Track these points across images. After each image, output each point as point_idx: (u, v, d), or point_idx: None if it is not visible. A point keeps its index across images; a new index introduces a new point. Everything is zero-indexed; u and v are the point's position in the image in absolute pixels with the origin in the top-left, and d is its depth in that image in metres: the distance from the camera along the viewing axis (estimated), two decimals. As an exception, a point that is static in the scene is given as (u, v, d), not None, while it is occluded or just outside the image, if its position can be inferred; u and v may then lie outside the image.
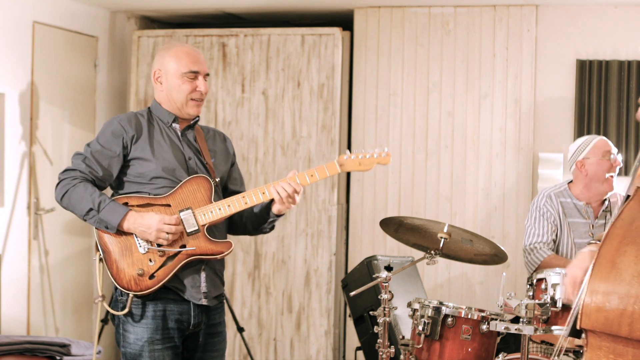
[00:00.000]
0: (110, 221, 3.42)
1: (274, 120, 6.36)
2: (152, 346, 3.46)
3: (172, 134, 3.60)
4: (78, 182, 3.45)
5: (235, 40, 6.43)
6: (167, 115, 3.59)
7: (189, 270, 3.50)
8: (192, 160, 3.58)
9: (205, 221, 3.50)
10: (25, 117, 5.74)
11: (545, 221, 4.62)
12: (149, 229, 3.41)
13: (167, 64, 3.57)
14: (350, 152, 3.64)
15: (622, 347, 2.30)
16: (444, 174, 6.16)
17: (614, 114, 5.88)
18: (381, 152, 3.65)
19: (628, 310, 2.28)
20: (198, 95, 3.58)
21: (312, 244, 6.30)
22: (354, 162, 3.64)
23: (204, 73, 3.59)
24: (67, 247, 6.15)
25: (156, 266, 3.43)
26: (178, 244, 3.47)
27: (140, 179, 3.52)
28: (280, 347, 6.36)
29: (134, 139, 3.51)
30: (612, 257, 2.35)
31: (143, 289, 3.42)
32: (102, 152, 3.50)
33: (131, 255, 3.44)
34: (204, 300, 3.53)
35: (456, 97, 6.15)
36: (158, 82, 3.61)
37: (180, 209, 3.48)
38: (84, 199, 3.43)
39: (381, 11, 6.28)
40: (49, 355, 4.86)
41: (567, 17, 6.01)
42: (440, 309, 3.98)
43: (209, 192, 3.53)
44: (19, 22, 5.68)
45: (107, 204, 3.42)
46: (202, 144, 3.65)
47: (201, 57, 3.62)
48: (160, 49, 3.69)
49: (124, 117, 3.57)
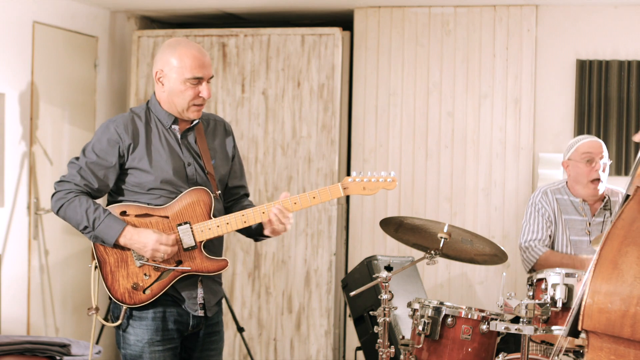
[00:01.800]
0: (106, 238, 3.38)
1: (274, 120, 6.36)
2: (153, 347, 3.45)
3: (171, 137, 3.50)
4: (73, 196, 3.40)
5: (235, 40, 6.43)
6: (167, 116, 3.49)
7: (186, 282, 3.47)
8: (192, 167, 3.50)
9: (203, 238, 3.44)
10: (25, 117, 5.73)
11: (540, 217, 4.62)
12: (144, 247, 3.37)
13: (170, 66, 3.43)
14: (356, 175, 3.54)
15: (624, 349, 2.30)
16: (444, 174, 6.16)
17: (614, 114, 5.88)
18: (387, 177, 3.54)
19: (630, 312, 2.28)
20: (200, 101, 3.46)
21: (312, 244, 6.30)
22: (358, 186, 3.54)
23: (208, 77, 3.46)
24: (67, 247, 6.15)
25: (151, 280, 3.41)
26: (174, 259, 3.43)
27: (138, 189, 3.46)
28: (280, 347, 6.36)
29: (131, 148, 3.43)
30: (614, 258, 2.35)
31: (137, 302, 3.41)
32: (97, 162, 3.43)
33: (126, 268, 3.42)
34: (200, 312, 3.50)
35: (456, 97, 6.15)
36: (160, 82, 3.47)
37: (178, 222, 3.43)
38: (79, 214, 3.38)
39: (381, 11, 6.27)
40: (49, 355, 4.86)
41: (567, 17, 6.01)
42: (440, 309, 3.98)
43: (208, 207, 3.45)
44: (19, 22, 5.68)
45: (103, 221, 3.37)
46: (203, 145, 3.56)
47: (207, 59, 3.46)
48: (165, 45, 3.51)
49: (120, 122, 3.45)
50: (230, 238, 6.32)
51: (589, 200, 4.64)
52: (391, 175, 3.55)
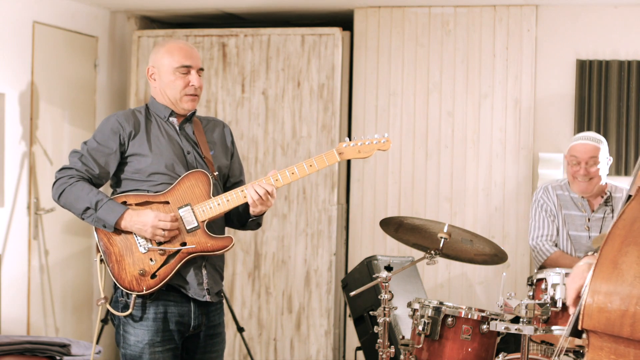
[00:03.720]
0: (107, 220, 3.40)
1: (274, 120, 6.36)
2: (153, 348, 3.45)
3: (170, 128, 3.57)
4: (75, 180, 3.44)
5: (235, 40, 6.43)
6: (164, 109, 3.57)
7: (191, 267, 3.49)
8: (191, 155, 3.55)
9: (205, 217, 3.47)
10: (25, 117, 5.73)
11: (544, 213, 4.67)
12: (144, 226, 3.39)
13: (160, 60, 3.55)
14: (350, 140, 3.58)
15: (624, 348, 2.30)
16: (444, 174, 6.16)
17: (614, 114, 5.88)
18: (380, 138, 3.58)
19: (630, 311, 2.28)
20: (192, 91, 3.55)
21: (312, 244, 6.30)
22: (353, 150, 3.58)
23: (197, 68, 3.56)
24: (67, 247, 6.15)
25: (157, 265, 3.42)
26: (178, 241, 3.45)
27: (139, 176, 3.49)
28: (280, 347, 6.36)
29: (132, 135, 3.49)
30: (614, 258, 2.35)
31: (146, 288, 3.40)
32: (98, 149, 3.48)
33: (132, 255, 3.43)
34: (207, 296, 3.52)
35: (456, 97, 6.15)
36: (152, 79, 3.59)
37: (179, 205, 3.46)
38: (81, 198, 3.41)
39: (381, 11, 6.27)
40: (49, 355, 4.86)
41: (567, 17, 6.01)
42: (440, 309, 3.98)
43: (207, 187, 3.49)
44: (19, 22, 5.68)
45: (105, 203, 3.41)
46: (201, 136, 3.62)
47: (194, 52, 3.58)
48: (155, 45, 3.68)
49: (122, 114, 3.55)
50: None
51: (586, 196, 4.68)
52: (385, 136, 3.58)
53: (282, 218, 6.34)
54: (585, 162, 4.58)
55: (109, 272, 3.44)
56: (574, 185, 4.67)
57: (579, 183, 4.63)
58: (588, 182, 4.61)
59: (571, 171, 4.65)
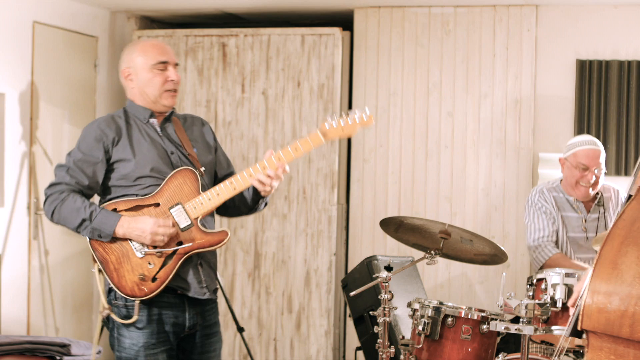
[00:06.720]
0: (104, 229, 3.38)
1: (274, 120, 6.36)
2: (148, 350, 3.43)
3: (151, 130, 3.55)
4: (65, 195, 3.42)
5: (235, 40, 6.43)
6: (143, 111, 3.55)
7: (188, 266, 3.48)
8: (175, 154, 3.54)
9: (197, 213, 3.46)
10: (25, 117, 5.73)
11: (543, 214, 4.65)
12: (143, 233, 3.38)
13: (135, 60, 3.54)
14: (331, 120, 3.56)
15: (623, 348, 2.30)
16: (444, 174, 6.16)
17: (614, 114, 5.88)
18: (362, 115, 3.55)
19: (629, 312, 2.28)
20: (171, 85, 3.54)
21: (312, 244, 6.30)
22: (336, 130, 3.56)
23: (173, 62, 3.56)
24: (67, 247, 6.15)
25: (156, 268, 3.41)
26: (174, 241, 3.44)
27: (125, 182, 3.47)
28: (280, 347, 6.36)
29: (115, 141, 3.47)
30: (614, 258, 2.35)
31: (147, 293, 3.39)
32: (84, 159, 3.46)
33: (129, 261, 3.41)
34: (207, 294, 3.51)
35: (456, 97, 6.15)
36: (129, 79, 3.57)
37: (170, 205, 3.45)
38: (75, 211, 3.39)
39: (381, 11, 6.27)
40: (49, 355, 4.86)
41: (567, 17, 6.01)
42: (440, 309, 3.98)
43: (195, 183, 3.48)
44: (19, 22, 5.68)
45: (99, 213, 3.39)
46: (182, 135, 3.60)
47: (168, 48, 3.58)
48: (125, 48, 3.64)
49: (102, 121, 3.52)
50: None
51: (585, 200, 4.67)
52: (367, 112, 3.56)
53: (282, 218, 6.34)
54: (595, 167, 4.59)
55: (109, 282, 3.42)
56: (575, 190, 4.64)
57: (583, 188, 4.61)
58: (592, 187, 4.60)
59: (577, 176, 4.61)
